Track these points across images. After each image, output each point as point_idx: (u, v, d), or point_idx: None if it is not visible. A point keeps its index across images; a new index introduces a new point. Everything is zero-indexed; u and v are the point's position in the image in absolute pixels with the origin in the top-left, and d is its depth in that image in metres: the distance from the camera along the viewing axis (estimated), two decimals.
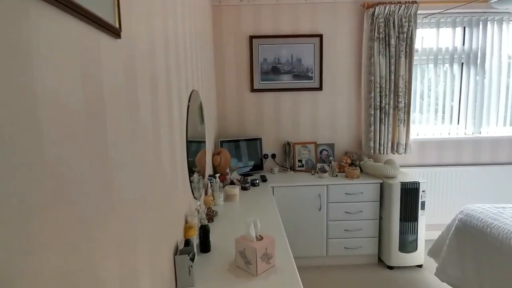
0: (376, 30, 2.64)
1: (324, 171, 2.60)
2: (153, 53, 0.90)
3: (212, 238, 1.33)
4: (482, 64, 2.86)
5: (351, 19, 2.77)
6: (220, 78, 2.83)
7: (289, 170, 2.81)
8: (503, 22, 2.81)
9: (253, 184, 2.31)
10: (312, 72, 2.83)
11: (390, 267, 2.47)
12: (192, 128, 1.60)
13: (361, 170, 2.71)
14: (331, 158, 2.84)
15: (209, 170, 2.19)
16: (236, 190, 1.92)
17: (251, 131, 2.89)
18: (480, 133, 2.93)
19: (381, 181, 2.47)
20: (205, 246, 1.27)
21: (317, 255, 2.53)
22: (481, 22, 2.81)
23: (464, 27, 2.85)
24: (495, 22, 2.81)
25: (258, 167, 2.82)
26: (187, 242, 1.13)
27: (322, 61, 2.80)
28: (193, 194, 1.46)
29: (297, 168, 2.84)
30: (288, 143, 2.82)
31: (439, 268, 2.05)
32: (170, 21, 1.13)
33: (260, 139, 2.83)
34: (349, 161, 2.73)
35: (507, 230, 1.67)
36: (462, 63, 2.89)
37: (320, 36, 2.77)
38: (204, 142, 1.87)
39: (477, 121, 2.93)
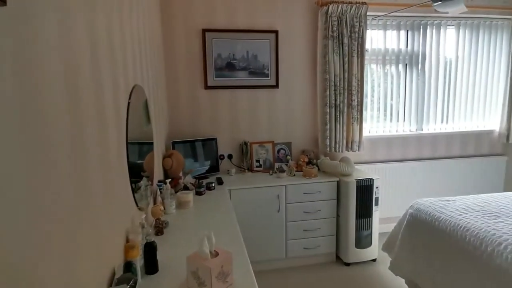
0: (330, 29, 2.64)
1: (282, 170, 2.53)
2: (68, 37, 0.69)
3: (161, 255, 1.15)
4: (423, 66, 3.05)
5: (306, 16, 2.75)
6: (171, 74, 2.60)
7: (246, 170, 2.69)
8: (441, 26, 3.03)
9: (209, 188, 2.14)
10: (268, 69, 2.75)
11: (347, 264, 2.50)
12: (136, 128, 1.39)
13: (318, 169, 2.70)
14: (288, 157, 2.79)
15: (159, 175, 1.97)
16: (189, 196, 1.75)
17: (206, 130, 2.71)
18: (422, 130, 3.13)
19: (338, 179, 2.49)
20: (151, 267, 1.09)
21: (277, 258, 2.46)
22: (421, 26, 3.00)
23: (407, 30, 3.02)
24: (434, 26, 3.02)
25: (214, 168, 2.66)
26: (128, 266, 0.94)
27: (278, 58, 2.73)
28: (137, 205, 1.26)
29: (255, 169, 2.74)
30: (245, 143, 2.70)
31: (393, 262, 2.11)
32: (99, 7, 0.92)
33: (216, 139, 2.67)
34: (306, 159, 2.70)
35: (453, 223, 1.76)
36: (406, 64, 3.06)
37: (276, 32, 2.70)
38: (152, 143, 1.66)
39: (419, 118, 3.12)
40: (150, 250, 1.07)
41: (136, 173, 1.47)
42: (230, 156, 2.75)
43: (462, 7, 2.23)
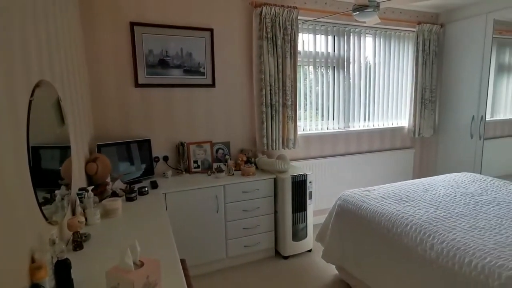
0: (264, 30, 2.71)
1: (221, 170, 2.52)
2: None
3: (79, 272, 1.03)
4: (348, 69, 3.35)
5: (241, 16, 2.77)
6: (95, 70, 2.35)
7: (184, 172, 2.60)
8: (361, 34, 3.36)
9: (141, 192, 2.01)
10: (204, 68, 2.69)
11: (286, 257, 2.61)
12: (46, 130, 1.22)
13: (257, 167, 2.76)
14: (227, 156, 2.79)
15: (80, 182, 1.77)
16: (117, 203, 1.61)
17: (139, 132, 2.53)
18: (349, 128, 3.44)
19: (275, 176, 2.57)
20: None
21: (217, 259, 2.43)
22: (345, 33, 3.28)
23: (334, 36, 3.27)
24: (356, 34, 3.33)
25: (149, 172, 2.51)
26: None
27: (214, 57, 2.69)
28: (46, 219, 1.10)
29: (193, 170, 2.67)
30: (182, 144, 2.61)
31: (325, 251, 2.28)
32: None
33: (149, 140, 2.52)
34: (244, 158, 2.73)
35: (372, 210, 1.97)
36: (334, 67, 3.32)
37: (211, 30, 2.66)
38: (69, 147, 1.48)
39: (346, 117, 3.42)
40: (62, 269, 0.95)
41: (52, 181, 1.30)
42: (165, 158, 2.62)
43: (376, 18, 2.50)
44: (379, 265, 1.83)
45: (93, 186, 1.65)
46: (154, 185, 2.27)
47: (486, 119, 3.32)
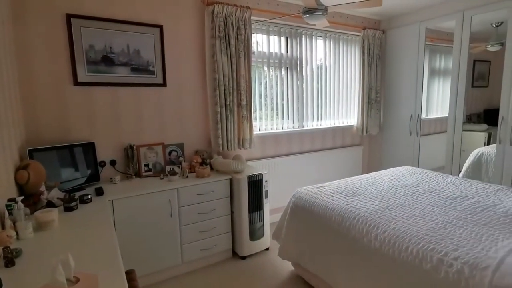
0: (217, 29, 2.67)
1: (174, 173, 2.42)
2: None
3: None
4: (301, 70, 3.46)
5: (193, 14, 2.69)
6: (25, 66, 2.10)
7: (134, 176, 2.46)
8: (313, 36, 3.49)
9: (83, 201, 1.84)
10: (154, 67, 2.57)
11: (243, 257, 2.60)
12: None
13: (212, 168, 2.71)
14: (181, 158, 2.69)
15: (9, 192, 1.57)
16: (52, 214, 1.45)
17: (81, 134, 2.33)
18: (303, 127, 3.55)
19: (230, 177, 2.55)
20: None
21: (172, 265, 2.34)
22: (298, 34, 3.38)
23: (287, 37, 3.35)
24: (307, 36, 3.45)
25: (94, 178, 2.32)
26: None
27: (164, 55, 2.58)
28: None
29: (144, 174, 2.53)
30: (131, 146, 2.46)
31: (280, 248, 2.32)
32: None
33: (93, 143, 2.33)
34: (199, 160, 2.67)
35: (323, 206, 2.05)
36: (287, 68, 3.39)
37: (161, 27, 2.55)
38: None
39: (300, 117, 3.53)
40: None
41: None
42: (113, 162, 2.45)
43: (324, 21, 2.62)
44: (331, 259, 1.90)
45: (23, 197, 1.47)
46: (99, 192, 2.10)
47: (422, 118, 3.66)
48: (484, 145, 3.41)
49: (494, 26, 3.15)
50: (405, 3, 3.34)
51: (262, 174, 2.60)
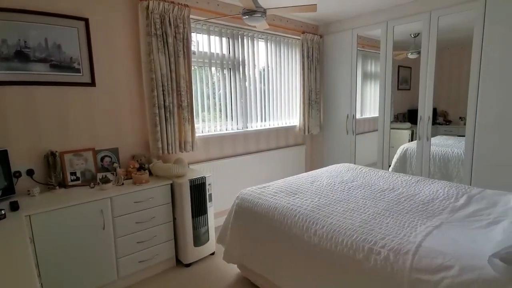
0: (153, 26, 2.52)
1: (107, 181, 2.22)
2: None
3: None
4: (244, 71, 3.46)
5: (125, 8, 2.50)
6: None
7: (57, 187, 2.18)
8: (254, 38, 3.52)
9: None
10: (79, 64, 2.32)
11: (188, 265, 2.49)
12: None
13: (152, 173, 2.55)
14: (115, 164, 2.48)
15: None
16: None
17: None
18: (247, 128, 3.56)
19: (171, 181, 2.42)
20: None
21: (106, 282, 2.13)
22: (239, 36, 3.38)
23: (229, 38, 3.33)
24: (249, 38, 3.47)
25: (8, 190, 2.00)
26: None
27: (92, 51, 2.35)
28: None
29: (70, 183, 2.27)
30: (53, 153, 2.18)
31: (225, 251, 2.27)
32: None
33: (6, 151, 2.01)
34: (137, 165, 2.49)
35: (266, 206, 2.07)
36: (230, 69, 3.37)
37: (86, 20, 2.31)
38: None
39: (244, 118, 3.53)
40: None
41: None
42: (30, 172, 2.14)
43: (264, 23, 2.65)
44: (275, 258, 1.92)
45: None
46: (14, 207, 1.82)
47: (357, 118, 3.96)
48: (409, 142, 3.82)
49: (413, 36, 3.54)
50: (338, 11, 3.58)
51: (205, 177, 2.52)
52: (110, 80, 2.47)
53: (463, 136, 2.97)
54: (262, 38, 3.63)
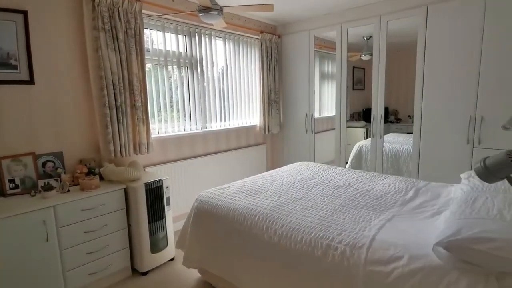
0: (100, 20, 2.35)
1: (50, 188, 2.02)
2: None
3: None
4: (202, 70, 3.38)
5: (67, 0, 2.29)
6: None
7: None
8: (212, 37, 3.46)
9: None
10: (16, 60, 2.08)
11: (145, 273, 2.37)
12: None
13: (103, 178, 2.38)
14: (60, 170, 2.27)
15: None
16: None
17: None
18: (206, 128, 3.48)
19: (125, 186, 2.28)
20: None
21: None
22: (197, 34, 3.29)
23: (185, 36, 3.22)
24: (207, 36, 3.40)
25: None
26: None
27: (30, 46, 2.12)
28: None
29: (9, 191, 2.03)
30: None
31: (185, 256, 2.19)
32: None
33: None
34: (85, 170, 2.30)
35: (226, 207, 2.03)
36: (187, 68, 3.27)
37: (25, 13, 2.08)
38: None
39: (203, 118, 3.45)
40: None
41: None
42: None
43: (221, 21, 2.61)
44: (235, 259, 1.89)
45: None
46: None
47: (315, 117, 4.07)
48: (364, 139, 4.02)
49: (365, 39, 3.73)
50: (295, 12, 3.65)
51: (162, 180, 2.41)
52: (51, 77, 2.25)
53: (412, 133, 3.20)
54: (220, 37, 3.58)
